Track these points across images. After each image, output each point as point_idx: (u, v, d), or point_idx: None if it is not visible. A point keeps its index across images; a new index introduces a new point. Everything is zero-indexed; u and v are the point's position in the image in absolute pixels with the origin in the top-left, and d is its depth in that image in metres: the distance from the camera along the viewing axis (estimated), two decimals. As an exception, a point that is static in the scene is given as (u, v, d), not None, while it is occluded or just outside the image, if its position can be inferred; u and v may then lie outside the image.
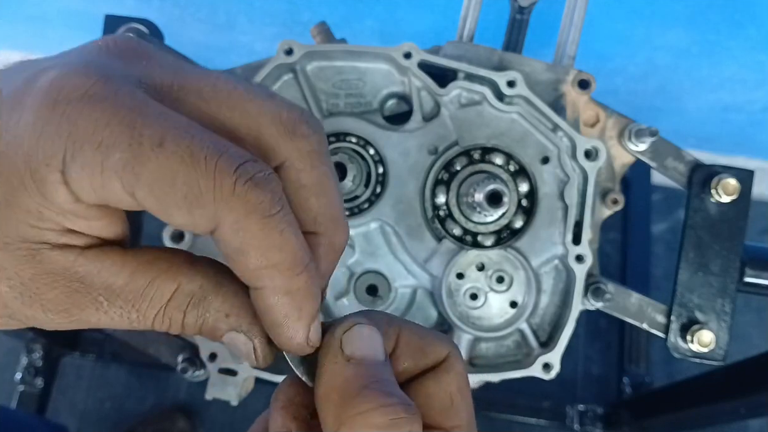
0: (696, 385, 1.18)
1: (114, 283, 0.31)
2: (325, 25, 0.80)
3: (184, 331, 0.33)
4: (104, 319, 0.31)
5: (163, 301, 0.31)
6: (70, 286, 0.30)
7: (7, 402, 1.51)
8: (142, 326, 0.32)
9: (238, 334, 0.33)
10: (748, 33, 1.20)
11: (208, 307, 0.32)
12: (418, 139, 0.71)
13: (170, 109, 0.29)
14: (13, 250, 0.29)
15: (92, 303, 0.31)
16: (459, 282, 0.71)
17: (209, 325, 0.32)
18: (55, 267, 0.30)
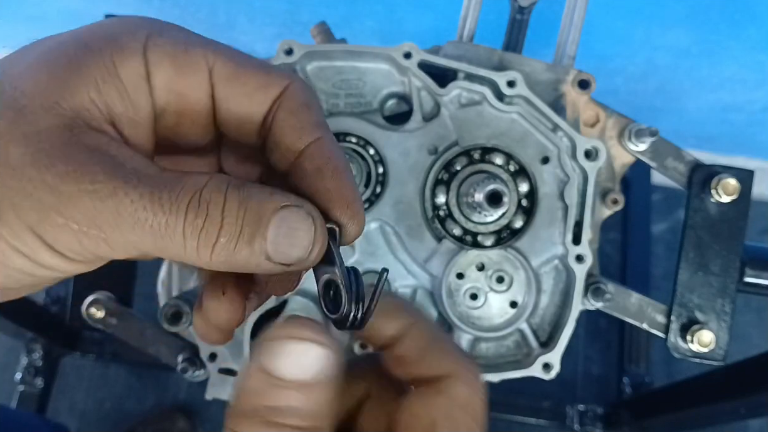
0: (696, 385, 1.18)
1: (146, 169, 0.28)
2: (325, 25, 0.80)
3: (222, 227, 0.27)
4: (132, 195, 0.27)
5: (199, 185, 0.28)
6: (101, 157, 0.27)
7: (7, 402, 1.51)
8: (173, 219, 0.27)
9: (290, 209, 0.29)
10: (748, 33, 1.20)
11: (251, 189, 0.29)
12: (418, 139, 0.71)
13: None
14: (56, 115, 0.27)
15: (123, 174, 0.27)
16: (459, 282, 0.71)
17: (254, 208, 0.28)
18: (90, 141, 0.28)
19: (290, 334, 0.29)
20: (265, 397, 0.28)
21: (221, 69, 0.31)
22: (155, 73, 0.30)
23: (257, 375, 0.28)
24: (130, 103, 0.29)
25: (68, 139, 0.27)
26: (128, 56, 0.29)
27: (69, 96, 0.28)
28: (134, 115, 0.30)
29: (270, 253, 0.28)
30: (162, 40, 0.30)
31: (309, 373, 0.28)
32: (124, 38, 0.29)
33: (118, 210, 0.26)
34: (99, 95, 0.28)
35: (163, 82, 0.30)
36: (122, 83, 0.29)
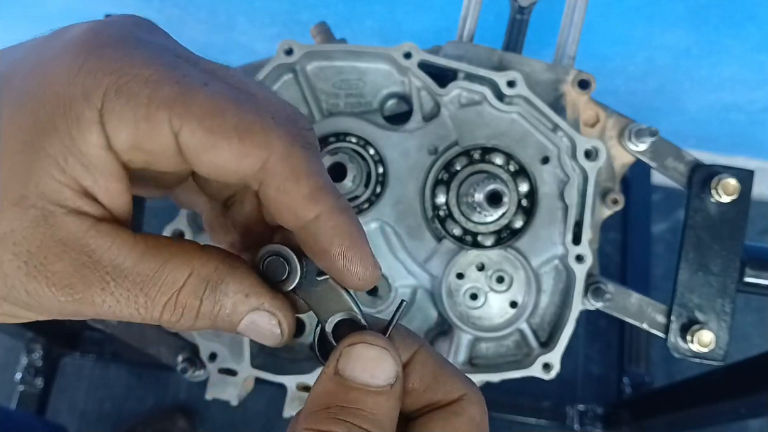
0: (696, 385, 1.17)
1: (123, 263, 0.29)
2: (325, 25, 0.80)
3: (196, 323, 0.31)
4: (109, 301, 0.29)
5: (175, 287, 0.30)
6: (78, 259, 0.28)
7: (7, 402, 1.51)
8: (148, 316, 0.30)
9: (261, 313, 0.31)
10: (748, 33, 1.20)
11: (226, 290, 0.31)
12: (418, 139, 0.71)
13: None
14: (27, 208, 0.27)
15: (99, 281, 0.28)
16: (459, 282, 0.71)
17: (227, 311, 0.31)
18: (66, 235, 0.28)
19: (367, 341, 0.31)
20: (338, 397, 0.30)
21: (189, 137, 0.28)
22: (115, 139, 0.28)
23: (332, 378, 0.31)
24: (97, 172, 0.28)
25: (43, 238, 0.28)
26: (84, 129, 0.27)
27: (33, 185, 0.27)
28: (103, 181, 0.29)
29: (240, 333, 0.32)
30: (120, 105, 0.27)
31: (380, 379, 0.31)
32: (80, 107, 0.27)
33: (96, 311, 0.29)
34: (64, 174, 0.28)
35: (126, 145, 0.28)
36: (84, 156, 0.28)
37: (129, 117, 0.27)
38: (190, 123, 0.28)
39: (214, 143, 0.28)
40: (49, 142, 0.27)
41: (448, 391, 0.33)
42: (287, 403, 0.70)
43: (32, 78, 0.28)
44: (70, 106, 0.27)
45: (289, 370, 0.70)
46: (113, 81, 0.27)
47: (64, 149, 0.27)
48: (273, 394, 1.55)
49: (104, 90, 0.27)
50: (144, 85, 0.27)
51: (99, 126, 0.27)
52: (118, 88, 0.27)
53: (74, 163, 0.28)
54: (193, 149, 0.28)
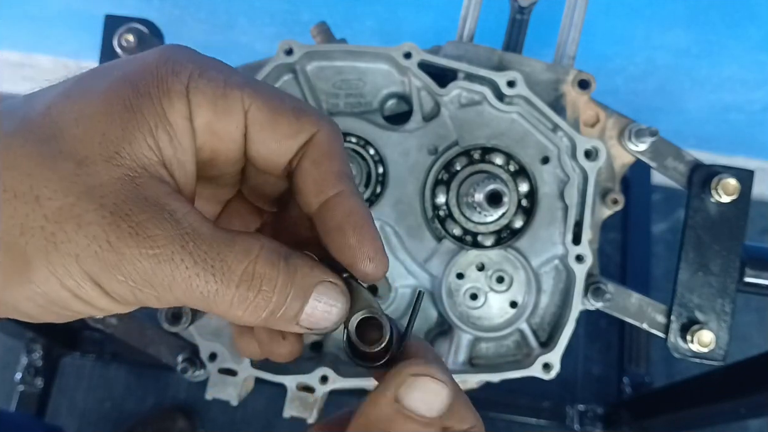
0: (696, 385, 1.17)
1: (200, 228, 0.30)
2: (325, 25, 0.80)
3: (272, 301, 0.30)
4: (187, 261, 0.29)
5: (252, 255, 0.30)
6: (160, 214, 0.29)
7: (7, 402, 1.51)
8: (223, 289, 0.29)
9: (327, 285, 0.32)
10: (748, 33, 1.20)
11: (296, 262, 0.32)
12: (418, 139, 0.71)
13: None
14: (117, 165, 0.29)
15: (180, 237, 0.29)
16: (459, 282, 0.71)
17: (299, 283, 0.31)
18: (151, 194, 0.29)
19: (433, 375, 0.32)
20: (398, 425, 0.32)
21: (256, 113, 0.33)
22: (197, 115, 0.31)
23: (391, 405, 0.32)
24: (178, 144, 0.31)
25: (130, 193, 0.29)
26: (175, 100, 0.31)
27: (127, 144, 0.30)
28: (181, 155, 0.31)
29: (302, 321, 0.32)
30: (203, 83, 0.32)
31: (435, 411, 0.32)
32: (170, 81, 0.31)
33: (173, 275, 0.29)
34: (153, 140, 0.30)
35: (203, 123, 0.32)
36: (171, 127, 0.31)
37: (209, 93, 0.32)
38: (257, 101, 0.32)
39: (275, 119, 0.33)
40: (146, 107, 0.30)
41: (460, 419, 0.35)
42: (287, 403, 0.70)
43: (130, 64, 0.32)
44: (163, 81, 0.31)
45: (289, 370, 0.70)
46: (196, 67, 0.32)
47: (155, 116, 0.30)
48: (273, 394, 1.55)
49: (189, 72, 0.31)
50: (220, 72, 0.32)
51: (185, 99, 0.31)
52: (200, 72, 0.32)
53: (162, 131, 0.31)
54: (259, 126, 0.33)
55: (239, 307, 0.30)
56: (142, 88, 0.30)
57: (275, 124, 0.33)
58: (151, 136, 0.30)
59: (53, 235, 0.28)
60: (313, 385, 0.69)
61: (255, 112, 0.33)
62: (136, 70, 0.31)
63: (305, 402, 0.69)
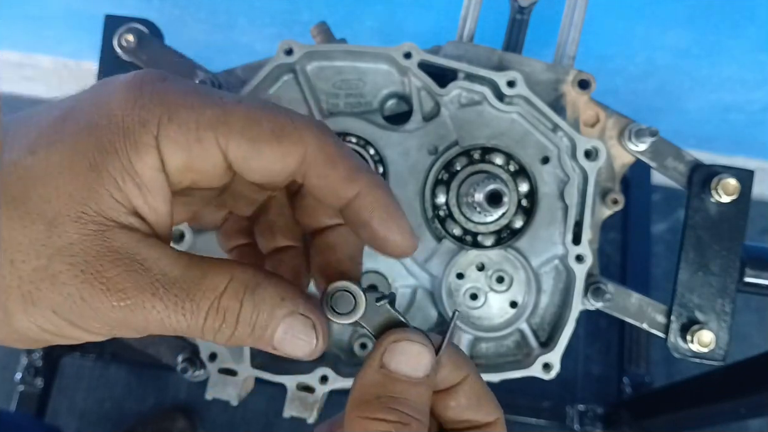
0: (696, 385, 1.18)
1: (171, 272, 0.31)
2: (325, 25, 0.80)
3: (236, 331, 0.32)
4: (158, 307, 0.31)
5: (218, 291, 0.32)
6: (131, 266, 0.31)
7: (7, 402, 1.51)
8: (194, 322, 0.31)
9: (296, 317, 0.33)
10: (748, 33, 1.20)
11: (264, 294, 0.33)
12: (418, 139, 0.71)
13: None
14: (85, 223, 0.30)
15: (150, 286, 0.31)
16: (459, 282, 0.71)
17: (265, 315, 0.32)
18: (120, 246, 0.31)
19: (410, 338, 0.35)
20: (387, 388, 0.34)
21: (235, 150, 0.32)
22: (169, 162, 0.32)
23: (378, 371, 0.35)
24: (148, 193, 0.32)
25: (100, 248, 0.30)
26: (142, 152, 0.31)
27: (94, 202, 0.30)
28: (153, 201, 0.32)
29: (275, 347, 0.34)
30: (173, 129, 0.31)
31: (420, 372, 0.35)
32: (137, 132, 0.31)
33: (146, 319, 0.31)
34: (120, 194, 0.31)
35: (178, 168, 0.32)
36: (140, 177, 0.31)
37: (182, 141, 0.31)
38: (234, 138, 0.32)
39: (258, 149, 0.32)
40: (111, 164, 0.30)
41: (487, 412, 0.38)
42: (287, 403, 0.70)
43: (94, 112, 0.31)
44: (129, 133, 0.31)
45: (289, 370, 0.70)
46: (164, 110, 0.31)
47: (122, 170, 0.31)
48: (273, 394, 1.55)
49: (158, 119, 0.31)
50: (191, 111, 0.32)
51: (155, 150, 0.31)
52: (169, 117, 0.31)
53: (130, 183, 0.31)
54: (242, 159, 0.32)
55: (209, 334, 0.32)
56: (108, 144, 0.31)
57: (258, 154, 0.33)
58: (119, 191, 0.31)
59: (30, 293, 0.30)
60: (313, 385, 0.69)
61: (234, 149, 0.32)
62: (101, 123, 0.31)
63: (305, 402, 0.69)
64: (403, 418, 0.33)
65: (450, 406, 0.38)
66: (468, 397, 0.38)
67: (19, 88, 1.82)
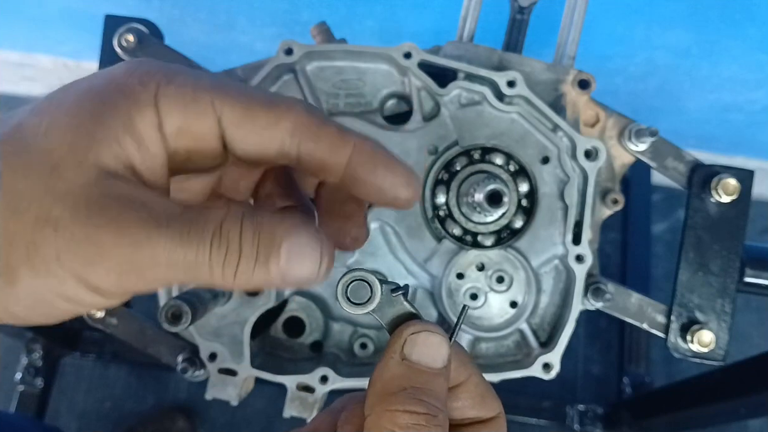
0: (696, 385, 1.18)
1: (172, 209, 0.31)
2: (325, 25, 0.80)
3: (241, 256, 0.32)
4: (164, 239, 0.30)
5: (219, 218, 0.32)
6: (133, 205, 0.31)
7: (7, 402, 1.51)
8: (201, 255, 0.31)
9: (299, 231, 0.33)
10: (748, 33, 1.20)
11: (262, 217, 0.33)
12: (418, 139, 0.71)
13: None
14: (86, 169, 0.30)
15: (154, 220, 0.30)
16: (459, 282, 0.71)
17: (267, 232, 0.32)
18: (119, 191, 0.31)
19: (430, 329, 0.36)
20: (411, 380, 0.35)
21: (229, 114, 0.33)
22: (166, 121, 0.32)
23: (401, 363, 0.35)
24: (146, 152, 0.32)
25: (100, 192, 0.30)
26: (142, 109, 0.32)
27: (95, 152, 0.31)
28: (150, 161, 0.32)
29: (283, 274, 0.33)
30: (171, 89, 0.32)
31: (440, 362, 0.35)
32: (137, 91, 0.32)
33: (153, 254, 0.30)
34: (119, 148, 0.31)
35: (174, 128, 0.33)
36: (138, 134, 0.32)
37: (179, 99, 0.32)
38: (228, 101, 0.33)
39: (249, 115, 0.33)
40: (111, 117, 0.31)
41: (490, 408, 0.38)
42: (287, 403, 0.70)
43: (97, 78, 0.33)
44: (130, 91, 0.32)
45: (289, 370, 0.70)
46: (163, 75, 0.33)
47: (122, 125, 0.31)
48: (273, 394, 1.55)
49: (157, 81, 0.32)
50: (189, 77, 0.33)
51: (153, 107, 0.32)
52: (168, 80, 0.32)
53: (128, 140, 0.31)
54: (235, 124, 0.33)
55: (217, 267, 0.31)
56: (109, 100, 0.31)
57: (251, 119, 0.34)
58: (118, 145, 0.31)
59: (33, 242, 0.29)
60: (313, 385, 0.69)
61: (228, 112, 0.33)
62: (103, 83, 0.32)
63: (305, 402, 0.69)
64: (431, 409, 0.34)
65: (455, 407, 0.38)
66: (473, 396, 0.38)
67: (19, 88, 1.82)
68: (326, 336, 0.75)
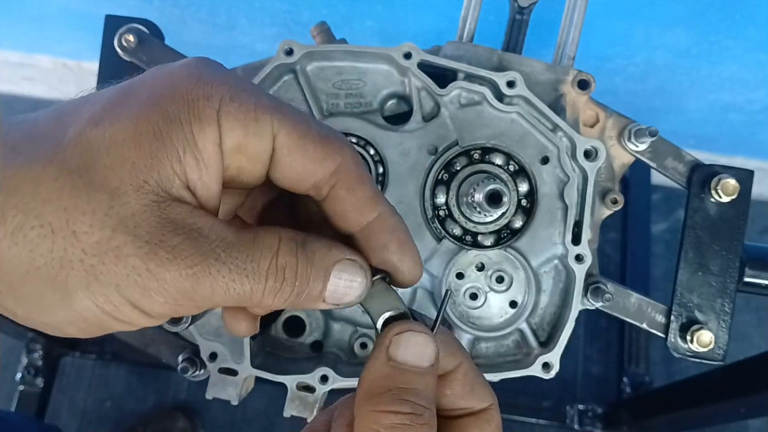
0: (696, 385, 1.18)
1: (227, 237, 0.32)
2: (326, 25, 0.80)
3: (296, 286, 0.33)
4: (223, 272, 0.31)
5: (273, 249, 0.32)
6: (191, 234, 0.31)
7: (8, 402, 1.52)
8: (256, 285, 0.32)
9: (345, 263, 0.34)
10: (748, 33, 1.20)
11: (313, 246, 0.34)
12: (418, 139, 0.71)
13: None
14: (146, 194, 0.30)
15: (212, 252, 0.31)
16: (459, 282, 0.71)
17: (319, 264, 0.33)
18: (176, 216, 0.31)
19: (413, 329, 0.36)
20: (396, 380, 0.35)
21: (285, 139, 0.33)
22: (226, 139, 0.32)
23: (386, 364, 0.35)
24: (204, 168, 0.32)
25: (159, 219, 0.30)
26: (206, 125, 0.31)
27: (156, 173, 0.30)
28: (206, 177, 0.32)
29: (327, 299, 0.34)
30: (234, 107, 0.32)
31: (426, 362, 0.35)
32: (201, 105, 0.31)
33: (212, 287, 0.31)
34: (180, 166, 0.31)
35: (233, 146, 0.33)
36: (200, 152, 0.32)
37: (241, 118, 0.32)
38: (286, 126, 0.33)
39: (303, 145, 0.34)
40: (174, 133, 0.31)
41: (481, 399, 0.38)
42: (287, 402, 0.70)
43: (158, 85, 0.32)
44: (194, 105, 0.31)
45: (289, 369, 0.70)
46: (227, 89, 0.32)
47: (184, 141, 0.31)
48: (273, 394, 1.55)
49: (221, 96, 0.32)
50: (250, 95, 0.33)
51: (216, 124, 0.32)
52: (231, 96, 0.32)
53: (189, 156, 0.31)
54: (287, 149, 0.33)
55: (269, 297, 0.32)
56: (172, 114, 0.31)
57: (303, 149, 0.34)
58: (179, 163, 0.31)
59: (93, 267, 0.29)
60: (313, 385, 0.69)
61: (284, 138, 0.33)
62: (166, 94, 0.32)
63: (305, 402, 0.70)
64: (416, 408, 0.34)
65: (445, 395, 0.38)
66: (462, 385, 0.38)
67: (19, 88, 1.82)
68: (326, 336, 0.75)
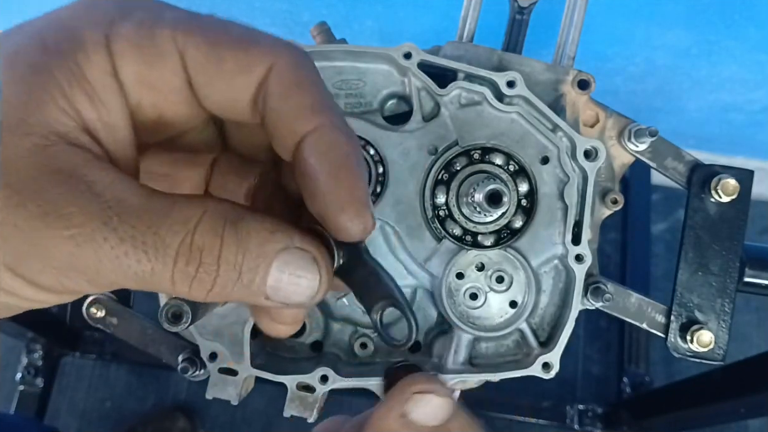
0: (696, 385, 1.18)
1: (128, 198, 0.25)
2: (325, 25, 0.80)
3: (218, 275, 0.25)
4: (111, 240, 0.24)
5: (189, 224, 0.25)
6: (77, 187, 0.24)
7: (8, 402, 1.52)
8: (160, 265, 0.24)
9: (293, 252, 0.26)
10: (748, 33, 1.20)
11: (249, 227, 0.26)
12: (418, 139, 0.71)
13: None
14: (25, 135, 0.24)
15: (100, 213, 0.24)
16: (459, 282, 0.71)
17: (254, 251, 0.25)
18: (63, 164, 0.24)
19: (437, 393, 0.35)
20: None
21: (194, 53, 0.27)
22: (122, 66, 0.26)
23: (398, 420, 0.35)
24: (101, 105, 0.26)
25: (40, 167, 0.24)
26: (92, 53, 0.26)
27: (35, 109, 0.25)
28: (107, 117, 0.26)
29: (269, 295, 0.26)
30: (125, 28, 0.26)
31: (439, 420, 0.35)
32: (85, 31, 0.26)
33: (97, 256, 0.24)
34: (67, 102, 0.25)
35: (132, 75, 0.27)
36: (90, 84, 0.26)
37: (133, 37, 0.26)
38: (194, 37, 0.27)
39: (219, 55, 0.27)
40: (55, 65, 0.25)
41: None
42: (287, 402, 0.70)
43: (41, 19, 0.27)
44: (76, 32, 0.26)
45: (289, 369, 0.70)
46: (117, 10, 0.26)
47: (68, 74, 0.25)
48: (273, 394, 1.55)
49: (111, 17, 0.26)
50: (149, 11, 0.26)
51: (105, 49, 0.26)
52: (123, 15, 0.26)
53: (79, 91, 0.26)
54: (200, 65, 0.27)
55: (182, 284, 0.25)
56: (52, 44, 0.26)
57: (219, 61, 0.27)
58: (65, 98, 0.25)
59: None
60: (314, 385, 0.69)
61: (193, 53, 0.27)
62: (46, 24, 0.27)
63: (305, 402, 0.70)
64: None
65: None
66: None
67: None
68: (326, 336, 0.75)
